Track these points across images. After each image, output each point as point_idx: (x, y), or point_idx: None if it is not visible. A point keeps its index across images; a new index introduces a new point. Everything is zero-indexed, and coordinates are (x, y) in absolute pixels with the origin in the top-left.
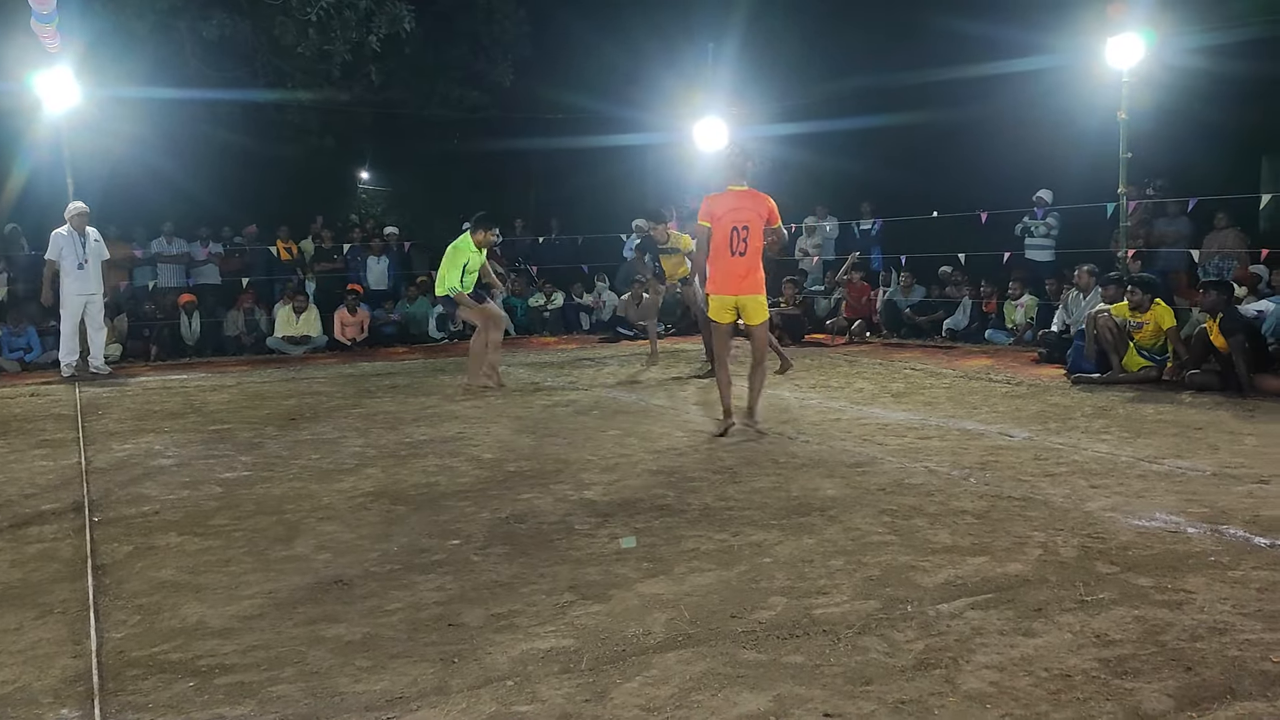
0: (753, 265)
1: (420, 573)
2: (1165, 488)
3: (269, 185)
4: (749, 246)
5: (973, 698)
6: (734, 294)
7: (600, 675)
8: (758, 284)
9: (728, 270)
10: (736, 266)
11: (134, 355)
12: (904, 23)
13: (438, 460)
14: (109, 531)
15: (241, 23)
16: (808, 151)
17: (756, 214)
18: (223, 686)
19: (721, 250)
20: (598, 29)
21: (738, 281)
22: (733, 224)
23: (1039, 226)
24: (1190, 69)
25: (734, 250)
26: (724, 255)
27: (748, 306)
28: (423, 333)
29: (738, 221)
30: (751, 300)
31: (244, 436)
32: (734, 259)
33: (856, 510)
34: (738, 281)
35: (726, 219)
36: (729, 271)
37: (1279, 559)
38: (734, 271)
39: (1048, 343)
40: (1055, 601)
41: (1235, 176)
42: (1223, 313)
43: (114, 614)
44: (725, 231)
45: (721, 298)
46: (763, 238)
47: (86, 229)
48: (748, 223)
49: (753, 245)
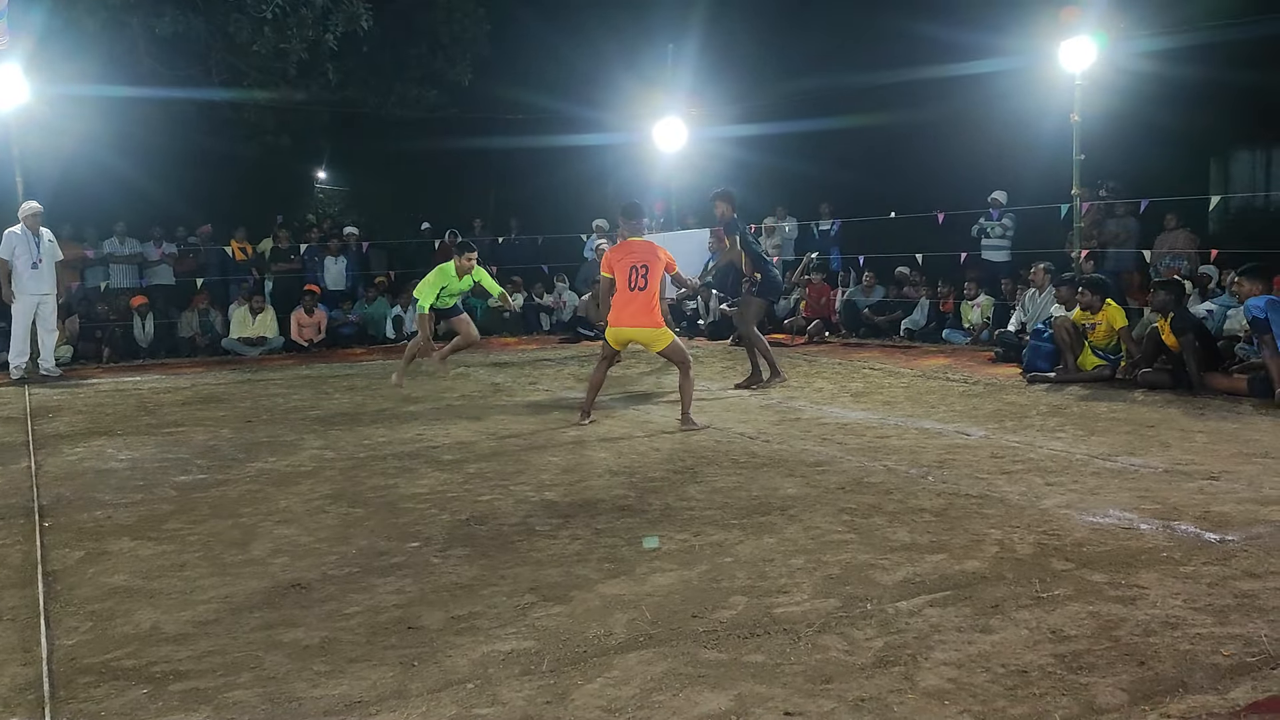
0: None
1: (379, 575)
2: (1118, 485)
3: (224, 184)
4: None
5: (931, 694)
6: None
7: (561, 677)
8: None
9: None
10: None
11: (85, 357)
12: (861, 25)
13: (397, 462)
14: (60, 537)
15: (195, 19)
16: (767, 152)
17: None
18: (177, 693)
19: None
20: (558, 29)
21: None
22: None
23: (995, 228)
24: (1141, 72)
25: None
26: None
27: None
28: (381, 334)
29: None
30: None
31: (199, 439)
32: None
33: (816, 509)
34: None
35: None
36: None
37: (1229, 554)
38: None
39: (1004, 342)
40: (1012, 598)
41: (1185, 178)
42: (1174, 312)
43: (65, 620)
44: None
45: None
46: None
47: (40, 229)
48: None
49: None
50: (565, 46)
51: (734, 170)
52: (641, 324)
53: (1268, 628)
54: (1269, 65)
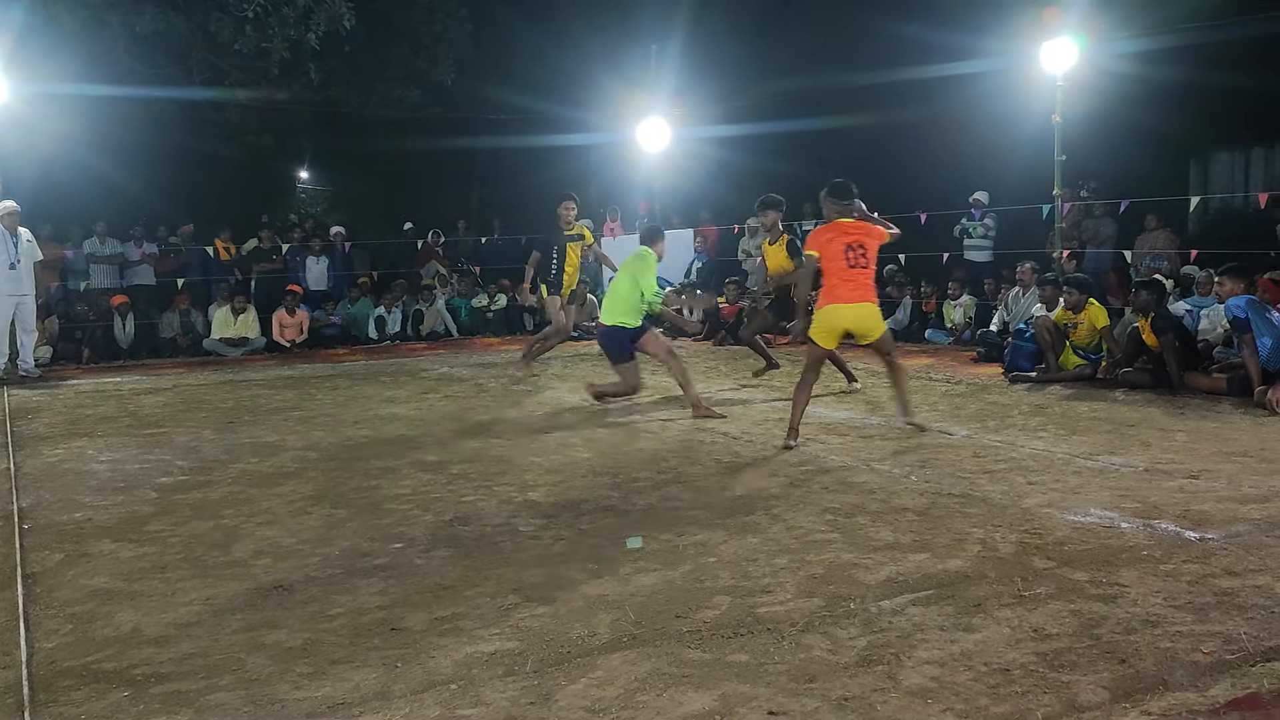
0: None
1: (362, 577)
2: (1099, 483)
3: (205, 184)
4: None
5: (914, 693)
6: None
7: (545, 677)
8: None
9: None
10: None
11: (65, 358)
12: (843, 26)
13: (379, 463)
14: (39, 539)
15: (176, 18)
16: (750, 153)
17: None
18: (159, 695)
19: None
20: (540, 29)
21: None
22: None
23: (977, 228)
24: (1122, 74)
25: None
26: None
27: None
28: (364, 334)
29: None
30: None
31: (180, 440)
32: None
33: (800, 509)
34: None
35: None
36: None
37: (1209, 552)
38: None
39: (986, 342)
40: (994, 597)
41: (1166, 179)
42: (1154, 312)
43: (45, 623)
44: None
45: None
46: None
47: (18, 229)
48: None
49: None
50: (548, 46)
51: (717, 170)
52: (862, 299)
53: (1247, 625)
54: (1249, 67)
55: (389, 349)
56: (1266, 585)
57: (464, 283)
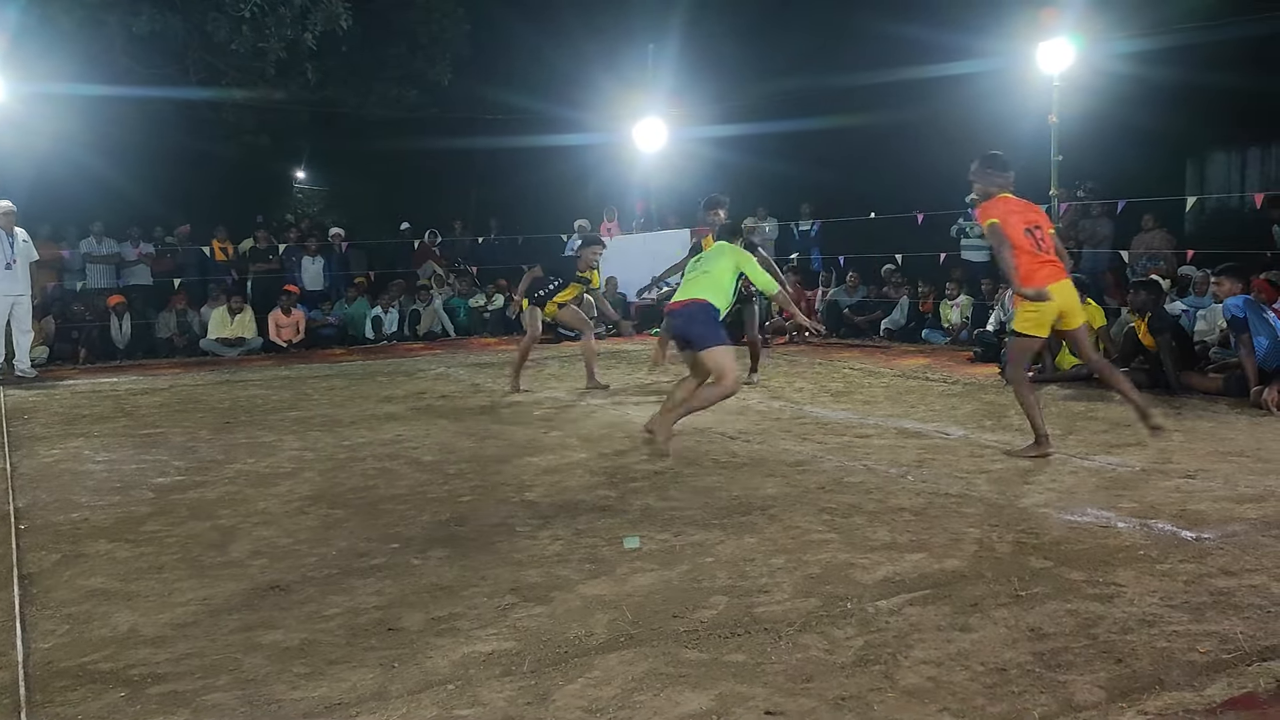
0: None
1: (359, 577)
2: (1096, 483)
3: (202, 184)
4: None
5: (911, 693)
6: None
7: (542, 677)
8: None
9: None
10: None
11: (61, 358)
12: (840, 26)
13: (376, 463)
14: (36, 539)
15: (173, 18)
16: (747, 153)
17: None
18: (155, 696)
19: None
20: (538, 29)
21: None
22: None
23: (974, 228)
24: (1119, 74)
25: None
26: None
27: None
28: (361, 334)
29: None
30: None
31: (177, 440)
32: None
33: (797, 509)
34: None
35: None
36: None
37: (1205, 552)
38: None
39: (983, 342)
40: (991, 596)
41: (1162, 179)
42: (1151, 312)
43: (41, 624)
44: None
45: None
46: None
47: (14, 229)
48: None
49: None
50: (545, 46)
51: (714, 170)
52: (1064, 276)
53: (1243, 625)
54: (1245, 67)
55: (386, 349)
56: (1262, 585)
57: (461, 283)
